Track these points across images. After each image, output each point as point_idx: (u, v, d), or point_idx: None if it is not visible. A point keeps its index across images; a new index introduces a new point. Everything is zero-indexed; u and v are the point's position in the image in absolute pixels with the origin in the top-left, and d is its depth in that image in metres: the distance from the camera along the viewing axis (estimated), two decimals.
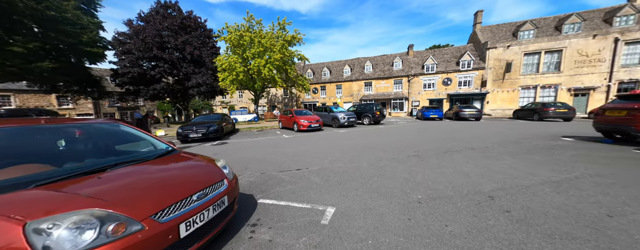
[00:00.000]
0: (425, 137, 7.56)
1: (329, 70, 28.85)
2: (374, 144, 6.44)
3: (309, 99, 29.21)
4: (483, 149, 5.37)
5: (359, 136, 8.39)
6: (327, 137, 8.35)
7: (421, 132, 9.00)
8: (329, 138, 8.16)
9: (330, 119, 12.74)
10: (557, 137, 6.96)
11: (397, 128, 11.24)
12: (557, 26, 19.20)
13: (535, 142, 6.05)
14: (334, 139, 7.77)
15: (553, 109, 13.96)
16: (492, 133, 8.23)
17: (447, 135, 8.02)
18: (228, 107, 29.89)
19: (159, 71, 15.15)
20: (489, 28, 23.00)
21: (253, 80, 17.10)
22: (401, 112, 25.38)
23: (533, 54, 19.50)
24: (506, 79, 20.56)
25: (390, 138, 7.61)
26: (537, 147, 5.32)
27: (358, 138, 7.88)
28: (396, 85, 25.54)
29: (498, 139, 6.72)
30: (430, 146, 5.87)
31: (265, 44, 15.51)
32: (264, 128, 13.02)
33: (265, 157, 5.25)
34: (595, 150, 4.87)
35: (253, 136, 9.75)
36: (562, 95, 18.95)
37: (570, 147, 5.22)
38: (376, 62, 27.91)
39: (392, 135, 8.46)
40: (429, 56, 24.00)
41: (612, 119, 5.44)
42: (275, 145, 6.92)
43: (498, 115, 20.72)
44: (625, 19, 16.92)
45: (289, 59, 18.10)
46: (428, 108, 18.02)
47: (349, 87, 27.42)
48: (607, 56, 17.24)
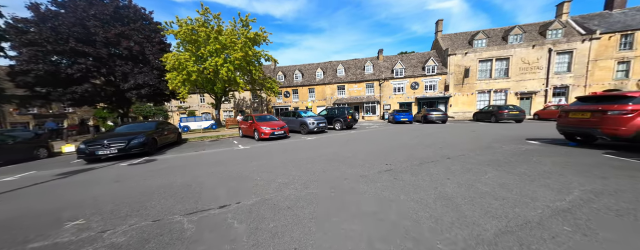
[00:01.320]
0: (397, 144, 6.84)
1: (301, 74, 27.78)
2: (341, 155, 5.40)
3: (280, 103, 27.59)
4: (459, 157, 4.71)
5: (327, 145, 7.31)
6: (290, 148, 7.08)
7: (393, 138, 8.34)
8: (292, 148, 6.90)
9: (298, 124, 11.50)
10: (521, 140, 6.86)
11: (369, 133, 10.53)
12: (503, 36, 21.41)
13: (506, 147, 5.71)
14: (297, 150, 6.53)
15: (507, 111, 15.10)
16: (461, 137, 7.96)
17: (419, 140, 7.45)
18: (187, 113, 26.41)
19: (79, 69, 11.93)
20: (449, 36, 24.74)
21: (211, 81, 14.99)
22: (374, 115, 25.47)
23: (486, 61, 21.34)
24: (465, 84, 22.08)
25: (361, 146, 6.70)
26: (511, 154, 4.87)
27: (325, 147, 6.78)
28: (368, 89, 25.65)
29: (469, 144, 6.30)
30: (403, 155, 5.06)
31: (224, 41, 13.71)
32: (220, 137, 11.12)
33: (189, 182, 3.76)
34: (568, 155, 4.56)
35: (199, 148, 7.94)
36: (511, 98, 20.99)
37: (543, 153, 4.88)
38: (348, 65, 27.83)
39: (363, 142, 7.58)
40: (398, 61, 24.72)
41: (575, 121, 5.29)
42: (219, 162, 5.39)
43: (460, 117, 22.03)
44: (555, 32, 19.60)
45: (253, 59, 16.49)
46: (399, 112, 18.20)
47: (322, 90, 26.68)
48: (544, 64, 19.66)
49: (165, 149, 8.13)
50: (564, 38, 18.97)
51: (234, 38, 13.99)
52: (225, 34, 14.32)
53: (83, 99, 12.63)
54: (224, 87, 15.20)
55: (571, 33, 19.33)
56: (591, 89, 18.89)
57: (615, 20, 18.48)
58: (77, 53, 11.73)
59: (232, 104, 27.68)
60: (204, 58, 13.80)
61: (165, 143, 8.40)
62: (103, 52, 12.28)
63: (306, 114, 12.21)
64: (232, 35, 14.39)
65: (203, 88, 15.82)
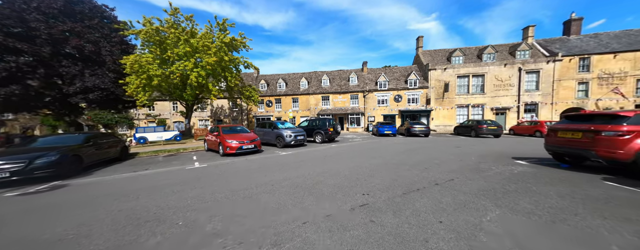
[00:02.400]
0: (380, 162, 6.00)
1: (285, 83, 26.99)
2: (312, 179, 4.40)
3: (262, 113, 26.25)
4: (449, 183, 3.93)
5: (300, 162, 6.27)
6: (255, 167, 5.94)
7: (375, 154, 7.53)
8: (257, 168, 5.76)
9: (274, 137, 10.37)
10: (508, 158, 6.41)
11: (350, 147, 9.68)
12: (478, 55, 22.66)
13: (495, 168, 5.12)
14: (263, 171, 5.41)
15: (485, 126, 15.33)
16: (447, 154, 7.38)
17: (403, 158, 6.70)
18: (157, 122, 23.94)
19: (5, 68, 9.82)
20: (429, 52, 25.78)
21: (179, 87, 13.51)
22: (358, 127, 25.03)
23: (464, 77, 22.22)
24: (445, 98, 22.65)
25: (339, 165, 5.75)
26: (505, 179, 4.22)
27: (297, 166, 5.74)
28: (353, 100, 25.41)
29: (456, 164, 5.64)
30: (385, 180, 4.18)
31: (196, 45, 12.54)
32: (180, 151, 9.56)
33: (67, 232, 2.49)
34: (568, 182, 4.00)
35: (143, 167, 6.47)
36: (487, 113, 21.76)
37: (539, 178, 4.29)
38: (333, 76, 27.65)
39: (343, 159, 6.66)
40: (381, 73, 25.01)
41: (565, 141, 4.85)
42: (150, 189, 4.13)
43: (441, 130, 22.28)
44: (523, 53, 21.10)
45: (231, 65, 15.39)
46: (382, 124, 17.89)
47: (306, 100, 25.95)
48: (515, 82, 20.84)
49: (98, 168, 6.52)
50: (531, 59, 20.45)
51: (207, 42, 12.90)
52: (198, 37, 13.21)
53: (10, 103, 10.37)
54: (195, 94, 13.76)
55: (537, 54, 20.94)
56: (557, 107, 20.19)
57: (573, 45, 20.42)
58: (6, 49, 9.73)
59: (209, 113, 25.74)
60: (172, 61, 12.43)
61: (101, 160, 6.79)
62: (45, 51, 10.37)
63: (284, 125, 11.16)
64: (206, 38, 13.31)
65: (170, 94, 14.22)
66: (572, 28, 21.39)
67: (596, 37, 20.61)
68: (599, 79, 19.03)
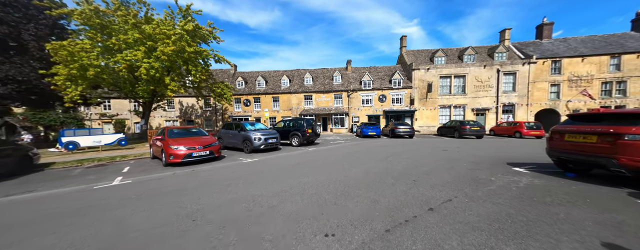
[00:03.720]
0: (360, 172, 4.84)
1: (265, 80, 25.23)
2: (261, 205, 3.12)
3: (239, 113, 24.23)
4: (447, 209, 2.84)
5: (259, 176, 4.91)
6: (194, 184, 4.48)
7: (356, 160, 6.39)
8: (196, 186, 4.32)
9: (240, 140, 8.85)
10: (502, 164, 5.63)
11: (329, 152, 8.47)
12: (459, 56, 22.82)
13: (496, 180, 4.19)
14: (201, 190, 3.99)
15: (469, 127, 15.08)
16: (435, 159, 6.46)
17: (387, 165, 5.62)
18: (113, 122, 20.88)
19: None
20: (412, 52, 25.61)
21: (129, 82, 11.39)
22: (342, 128, 24.05)
23: (446, 77, 22.21)
24: (429, 98, 22.48)
25: (306, 179, 4.49)
26: (515, 197, 3.27)
27: (252, 182, 4.39)
28: (336, 99, 24.39)
29: (449, 174, 4.65)
30: (361, 204, 3.00)
31: (150, 32, 10.56)
32: (116, 160, 7.64)
33: None
34: (593, 201, 3.12)
35: (31, 187, 4.66)
36: (468, 114, 21.92)
37: (554, 194, 3.40)
38: (316, 74, 26.45)
39: (314, 170, 5.40)
40: (366, 72, 24.30)
41: (575, 146, 4.02)
42: None
43: (425, 131, 22.04)
44: (501, 55, 21.57)
45: (198, 58, 13.50)
46: (367, 125, 17.09)
47: (288, 99, 24.43)
48: (494, 83, 21.19)
49: None
50: (508, 60, 20.93)
51: (165, 29, 10.96)
52: (154, 24, 11.22)
53: None
54: (151, 90, 11.71)
55: (513, 57, 21.52)
56: (532, 108, 20.84)
57: (546, 48, 21.28)
58: None
59: (177, 112, 23.10)
60: (118, 50, 10.32)
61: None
62: None
63: (254, 126, 9.66)
64: (164, 25, 11.36)
65: (120, 90, 11.98)
66: (544, 32, 22.33)
67: (565, 41, 21.67)
68: (569, 81, 19.92)
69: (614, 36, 20.68)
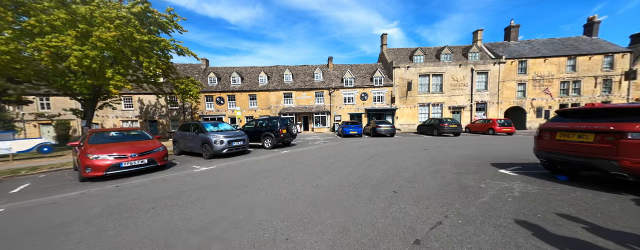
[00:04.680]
0: (329, 184, 3.98)
1: (241, 77, 23.43)
2: (187, 242, 1.99)
3: (211, 112, 22.19)
4: (438, 239, 2.07)
5: (206, 192, 3.80)
6: (107, 208, 3.29)
7: (328, 168, 5.55)
8: (109, 211, 3.14)
9: (199, 143, 7.50)
10: (488, 167, 5.18)
11: (303, 155, 7.52)
12: (437, 55, 23.32)
13: (486, 187, 3.61)
14: (113, 220, 2.82)
15: (447, 124, 15.24)
16: (417, 161, 5.88)
17: (364, 172, 4.84)
18: (54, 124, 17.60)
19: None
20: (393, 50, 25.67)
21: (60, 73, 9.28)
22: (324, 127, 23.27)
23: (425, 76, 22.53)
24: (409, 97, 22.64)
25: (261, 196, 3.52)
26: (514, 212, 2.66)
27: (193, 202, 3.32)
28: (318, 98, 23.52)
29: (434, 181, 3.99)
30: (328, 231, 2.12)
31: (83, 13, 8.63)
32: (19, 173, 5.85)
33: None
34: (602, 213, 2.59)
35: None
36: (445, 112, 22.50)
37: (557, 206, 2.85)
38: (297, 71, 25.30)
39: (278, 180, 4.44)
40: (347, 70, 23.77)
41: (568, 146, 3.56)
42: None
43: (405, 129, 22.17)
44: (474, 55, 22.42)
45: (154, 49, 11.65)
46: (348, 124, 16.53)
47: (266, 98, 22.97)
48: (468, 82, 21.96)
49: None
50: (481, 60, 21.82)
51: (106, 12, 9.05)
52: (93, 4, 9.25)
53: None
54: (91, 85, 9.66)
55: (485, 57, 22.51)
56: (502, 106, 22.00)
57: (513, 49, 22.59)
58: None
59: (137, 112, 20.33)
60: (40, 33, 8.21)
61: None
62: None
63: (217, 127, 8.34)
64: (106, 7, 9.42)
65: (49, 84, 9.72)
66: (511, 34, 23.70)
67: (530, 43, 23.22)
68: (533, 81, 21.33)
69: (570, 39, 22.61)
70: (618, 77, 20.20)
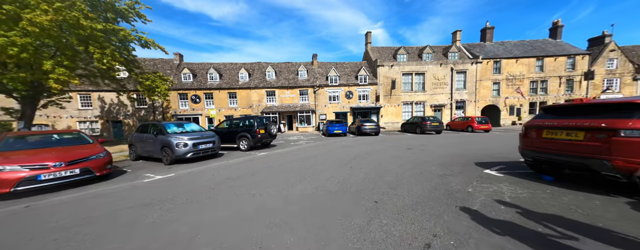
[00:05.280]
0: (305, 191, 3.42)
1: (219, 74, 21.96)
2: None
3: (186, 111, 20.53)
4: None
5: (139, 212, 3.03)
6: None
7: (304, 173, 4.99)
8: None
9: (158, 147, 6.51)
10: (473, 167, 4.95)
11: (281, 157, 6.87)
12: (419, 54, 23.73)
13: (475, 192, 3.28)
14: None
15: (429, 122, 15.44)
16: (400, 162, 5.53)
17: (344, 177, 4.35)
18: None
19: None
20: (377, 49, 25.70)
21: None
22: (309, 126, 22.67)
23: (408, 74, 22.81)
24: (393, 95, 22.80)
25: (222, 213, 2.87)
26: (510, 228, 2.26)
27: (120, 226, 2.53)
28: (302, 96, 22.82)
29: (418, 186, 3.60)
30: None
31: None
32: None
33: None
34: (608, 220, 2.21)
35: None
36: (427, 110, 23.00)
37: (556, 218, 2.45)
38: (280, 69, 24.34)
39: (244, 189, 3.81)
40: (332, 68, 23.33)
41: (557, 145, 3.33)
42: None
43: (390, 128, 22.31)
44: (454, 55, 23.14)
45: (112, 40, 10.23)
46: (332, 123, 16.15)
47: (247, 96, 21.77)
48: (449, 81, 22.62)
49: None
50: (460, 60, 22.58)
51: None
52: None
53: None
54: (27, 79, 8.07)
55: (464, 57, 23.34)
56: (479, 104, 22.98)
57: (488, 50, 23.68)
58: None
59: (97, 111, 18.07)
60: None
61: None
62: None
63: (183, 128, 7.36)
64: None
65: None
66: (487, 35, 24.83)
67: (503, 44, 24.50)
68: (506, 80, 22.52)
69: (538, 42, 24.21)
70: (579, 77, 22.00)
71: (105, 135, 18.08)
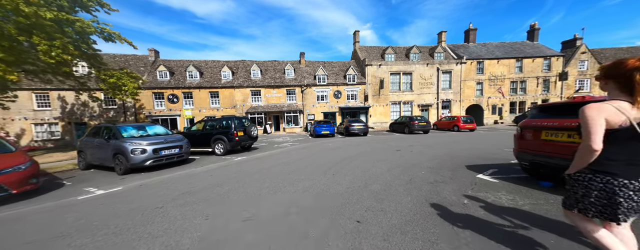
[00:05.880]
0: (273, 210, 2.80)
1: (199, 72, 20.63)
2: None
3: (162, 112, 19.04)
4: None
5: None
6: None
7: (283, 181, 4.39)
8: None
9: (110, 153, 5.58)
10: (464, 171, 4.61)
11: (259, 163, 6.20)
12: (406, 54, 23.82)
13: (469, 204, 2.86)
14: None
15: (417, 122, 15.36)
16: (388, 166, 5.08)
17: (323, 188, 3.80)
18: None
19: None
20: (365, 48, 25.52)
21: None
22: (296, 127, 21.96)
23: (396, 74, 22.81)
24: (381, 95, 22.68)
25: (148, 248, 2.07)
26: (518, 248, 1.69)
27: None
28: (289, 95, 22.06)
29: (408, 198, 3.15)
30: None
31: None
32: None
33: None
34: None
35: None
36: (415, 110, 23.14)
37: (557, 230, 2.00)
38: (266, 67, 23.40)
39: (200, 206, 3.17)
40: (320, 67, 22.78)
41: (558, 148, 2.99)
42: None
43: (379, 127, 22.17)
44: (439, 55, 23.46)
45: (70, 32, 9.00)
46: (320, 123, 15.61)
47: (230, 95, 20.64)
48: (435, 81, 22.89)
49: None
50: (446, 60, 22.93)
51: None
52: None
53: None
54: None
55: (449, 57, 23.75)
56: (464, 104, 23.48)
57: (472, 50, 24.29)
58: None
59: (57, 112, 16.11)
60: None
61: None
62: None
63: (144, 131, 6.43)
64: None
65: None
66: (470, 36, 25.48)
67: (485, 45, 25.25)
68: (489, 80, 23.19)
69: (517, 43, 25.21)
70: (554, 77, 23.14)
71: (67, 139, 16.21)
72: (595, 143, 1.13)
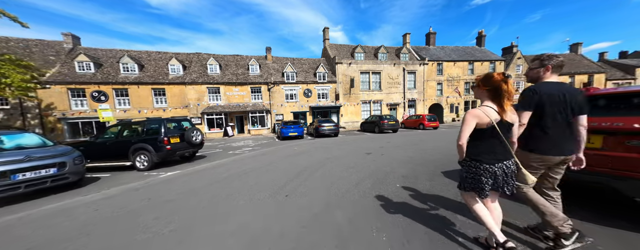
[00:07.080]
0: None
1: (138, 65, 17.05)
2: None
3: (84, 113, 15.06)
4: None
5: None
6: None
7: (215, 207, 3.03)
8: None
9: None
10: (439, 176, 3.93)
11: (192, 181, 4.63)
12: (375, 53, 24.07)
13: (457, 224, 1.87)
14: None
15: (386, 121, 15.28)
16: (357, 175, 4.13)
17: (266, 221, 2.55)
18: None
19: None
20: (335, 46, 24.96)
21: None
22: (263, 128, 20.08)
23: (365, 73, 22.79)
24: (352, 94, 22.39)
25: None
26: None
27: None
28: (254, 94, 20.04)
29: (379, 222, 2.07)
30: None
31: None
32: None
33: None
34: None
35: None
36: (384, 109, 23.54)
37: None
38: (226, 62, 20.85)
39: None
40: (288, 63, 21.30)
41: None
42: None
43: (350, 127, 21.84)
44: (405, 56, 24.35)
45: None
46: (287, 124, 14.28)
47: (181, 93, 17.63)
48: (402, 81, 23.64)
49: None
50: (410, 61, 23.90)
51: None
52: None
53: None
54: None
55: (413, 58, 24.85)
56: (426, 103, 24.86)
57: (432, 53, 25.93)
58: None
59: None
60: None
61: None
62: None
63: (1, 143, 4.17)
64: None
65: None
66: (430, 39, 27.19)
67: (443, 49, 27.26)
68: (447, 81, 25.03)
69: (468, 48, 27.89)
70: None
71: None
72: (459, 139, 1.62)
